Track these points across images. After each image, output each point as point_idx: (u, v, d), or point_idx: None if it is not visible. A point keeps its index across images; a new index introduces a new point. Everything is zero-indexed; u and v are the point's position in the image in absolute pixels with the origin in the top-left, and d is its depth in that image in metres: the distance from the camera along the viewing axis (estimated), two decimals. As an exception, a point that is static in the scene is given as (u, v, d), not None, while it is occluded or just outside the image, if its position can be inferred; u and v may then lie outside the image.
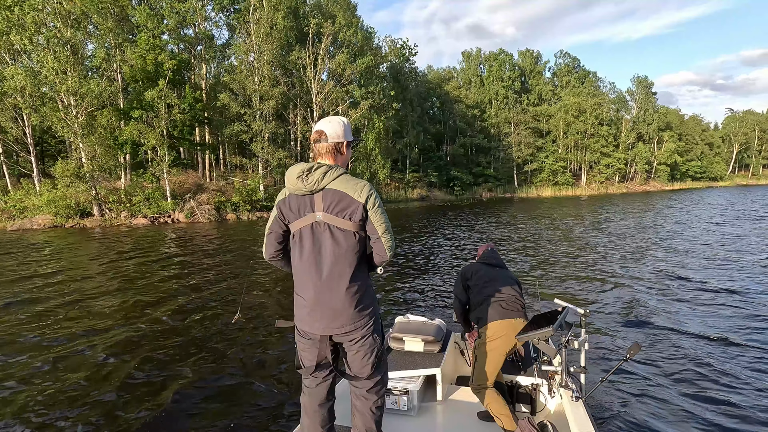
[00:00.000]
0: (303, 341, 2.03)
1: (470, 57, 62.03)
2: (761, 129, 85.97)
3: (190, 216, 24.09)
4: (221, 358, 5.24)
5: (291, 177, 1.95)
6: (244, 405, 4.14)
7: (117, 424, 3.84)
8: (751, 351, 5.22)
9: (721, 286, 8.31)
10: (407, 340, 3.61)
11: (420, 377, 3.26)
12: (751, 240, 14.06)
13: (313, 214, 1.93)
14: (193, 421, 3.89)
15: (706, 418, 3.82)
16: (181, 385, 4.56)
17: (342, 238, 1.93)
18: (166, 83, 23.39)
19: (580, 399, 2.80)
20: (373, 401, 2.11)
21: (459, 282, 3.18)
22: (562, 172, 57.01)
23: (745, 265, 10.26)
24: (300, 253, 1.96)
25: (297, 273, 2.00)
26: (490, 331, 2.94)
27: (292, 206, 1.96)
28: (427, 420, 3.12)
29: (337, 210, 1.92)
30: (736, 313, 6.78)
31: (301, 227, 1.95)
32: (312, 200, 1.94)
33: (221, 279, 9.71)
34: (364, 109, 30.42)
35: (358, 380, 2.07)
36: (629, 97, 64.84)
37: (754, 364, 4.86)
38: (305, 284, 1.96)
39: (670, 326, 6.12)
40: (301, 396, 2.15)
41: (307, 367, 2.04)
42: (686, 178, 70.41)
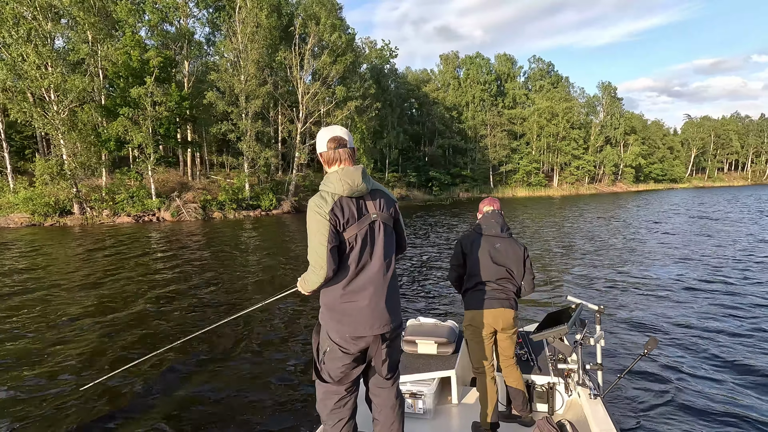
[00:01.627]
0: (342, 354, 1.98)
1: (448, 60, 63.36)
2: (716, 134, 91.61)
3: (176, 214, 23.91)
4: (222, 369, 5.00)
5: (353, 179, 1.93)
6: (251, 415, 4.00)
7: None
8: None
9: (740, 281, 8.27)
10: (420, 342, 3.58)
11: (434, 380, 3.24)
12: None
13: (368, 215, 1.97)
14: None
15: (728, 414, 3.73)
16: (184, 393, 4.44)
17: (390, 234, 2.05)
18: (153, 80, 23.14)
19: (598, 397, 2.75)
20: (399, 399, 2.17)
21: (458, 255, 3.02)
22: (535, 174, 59.14)
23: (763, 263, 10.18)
24: (359, 256, 1.95)
25: (350, 277, 1.94)
26: (469, 317, 2.94)
27: (345, 211, 1.92)
28: (443, 422, 3.08)
29: (386, 209, 2.03)
30: (754, 307, 6.65)
31: (358, 231, 1.95)
32: (365, 201, 1.99)
33: (218, 277, 10.04)
34: (351, 109, 30.85)
35: (388, 381, 2.11)
36: (597, 102, 67.88)
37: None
38: (364, 285, 1.94)
39: (687, 320, 6.02)
40: (328, 416, 2.06)
41: (338, 380, 2.01)
42: (649, 179, 74.26)
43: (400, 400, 2.18)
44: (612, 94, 67.39)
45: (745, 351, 4.99)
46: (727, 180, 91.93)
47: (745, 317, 6.18)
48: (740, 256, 11.08)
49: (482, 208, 3.16)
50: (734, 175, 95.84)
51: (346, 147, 2.01)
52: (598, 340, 2.84)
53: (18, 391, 4.39)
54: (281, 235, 18.03)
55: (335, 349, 1.98)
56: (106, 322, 6.60)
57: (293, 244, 14.85)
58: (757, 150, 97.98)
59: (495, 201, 3.20)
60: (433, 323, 3.83)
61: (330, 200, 1.92)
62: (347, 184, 1.92)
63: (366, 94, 34.13)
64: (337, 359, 1.98)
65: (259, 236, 17.55)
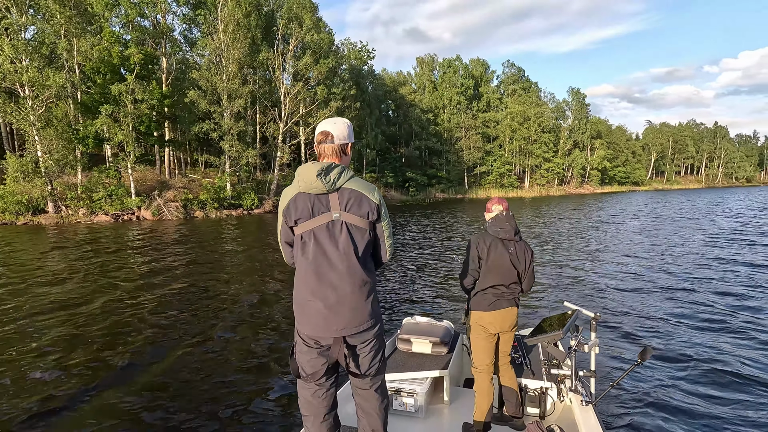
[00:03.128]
0: (309, 349, 1.94)
1: (424, 63, 64.50)
2: (674, 140, 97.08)
3: (157, 213, 23.64)
4: (206, 369, 5.02)
5: (308, 175, 1.88)
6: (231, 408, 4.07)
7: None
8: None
9: (736, 290, 8.21)
10: (415, 341, 3.59)
11: (427, 379, 3.24)
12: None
13: (329, 213, 1.89)
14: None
15: (719, 425, 3.73)
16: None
17: (359, 236, 1.93)
18: (134, 77, 22.81)
19: (589, 404, 2.75)
20: (380, 401, 2.10)
21: (474, 258, 2.92)
22: (508, 175, 61.12)
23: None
24: (313, 254, 1.89)
25: (308, 276, 1.90)
26: (478, 318, 2.93)
27: (299, 206, 1.89)
28: (434, 422, 3.08)
29: (354, 209, 1.92)
30: (751, 316, 6.65)
31: (314, 227, 1.89)
32: (327, 199, 1.90)
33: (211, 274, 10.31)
34: (333, 110, 31.22)
35: (365, 380, 2.04)
36: (566, 107, 70.80)
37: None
38: (320, 286, 1.88)
39: (684, 330, 5.98)
40: (304, 407, 2.03)
41: (311, 375, 1.96)
42: (614, 182, 77.97)
43: (382, 401, 2.10)
44: (580, 100, 70.45)
45: (741, 362, 4.96)
46: (683, 183, 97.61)
47: (743, 329, 6.09)
48: (742, 266, 10.65)
49: (491, 208, 3.09)
50: (690, 179, 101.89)
51: (332, 143, 1.96)
52: (592, 347, 2.83)
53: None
54: (264, 233, 18.23)
55: (301, 344, 1.96)
56: (59, 318, 6.57)
57: (275, 243, 15.02)
58: (711, 155, 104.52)
59: (504, 201, 3.13)
60: (428, 323, 3.85)
61: (288, 195, 1.94)
62: (302, 179, 1.90)
63: (346, 96, 34.59)
64: (304, 353, 1.96)
65: (241, 235, 17.74)
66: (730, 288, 8.42)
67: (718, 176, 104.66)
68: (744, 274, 9.55)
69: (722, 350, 5.30)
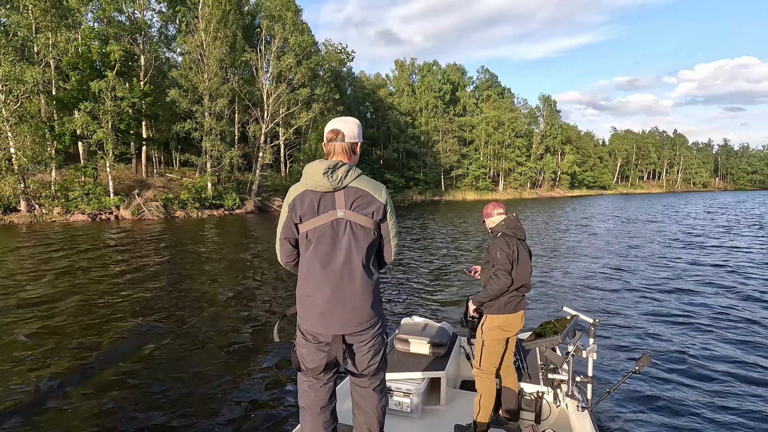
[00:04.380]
0: (308, 344, 1.96)
1: (403, 66, 65.33)
2: (638, 146, 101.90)
3: (136, 213, 23.24)
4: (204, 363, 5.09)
5: (315, 173, 1.89)
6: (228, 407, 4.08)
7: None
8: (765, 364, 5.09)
9: (737, 296, 8.18)
10: (413, 342, 3.59)
11: (424, 380, 3.24)
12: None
13: (334, 212, 1.90)
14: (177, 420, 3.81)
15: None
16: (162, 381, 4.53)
17: (362, 235, 1.92)
18: (114, 74, 22.38)
19: (586, 409, 2.76)
20: (377, 400, 2.10)
21: (508, 261, 2.85)
22: (483, 178, 62.74)
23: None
24: (315, 251, 1.90)
25: (310, 272, 1.92)
26: (501, 321, 2.90)
27: (305, 204, 1.90)
28: (430, 423, 3.09)
29: (360, 208, 1.91)
30: (750, 322, 6.65)
31: (317, 225, 1.90)
32: (333, 198, 1.91)
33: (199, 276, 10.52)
34: (316, 112, 31.43)
35: (363, 378, 2.04)
36: (538, 112, 73.27)
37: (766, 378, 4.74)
38: (321, 283, 1.89)
39: (682, 337, 5.97)
40: (302, 399, 2.06)
41: (311, 369, 1.98)
42: (582, 186, 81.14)
43: (380, 400, 2.11)
44: (551, 106, 73.05)
45: (740, 368, 5.00)
46: (646, 187, 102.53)
47: (743, 336, 6.12)
48: (740, 269, 10.79)
49: (493, 212, 3.09)
50: (652, 183, 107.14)
51: (343, 141, 1.98)
52: (590, 352, 2.84)
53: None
54: (246, 234, 18.25)
55: (301, 338, 1.99)
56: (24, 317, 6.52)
57: (257, 243, 15.11)
58: (671, 161, 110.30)
59: (502, 205, 3.17)
60: (426, 324, 3.86)
61: (294, 192, 1.95)
62: (309, 177, 1.91)
63: (329, 97, 34.85)
64: (304, 347, 1.98)
65: (223, 235, 17.77)
66: (730, 295, 8.32)
67: (677, 181, 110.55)
68: (745, 281, 9.50)
69: (721, 358, 5.29)
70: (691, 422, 3.89)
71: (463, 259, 12.44)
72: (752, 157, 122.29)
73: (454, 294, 8.37)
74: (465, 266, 3.13)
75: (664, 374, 4.82)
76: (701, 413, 4.03)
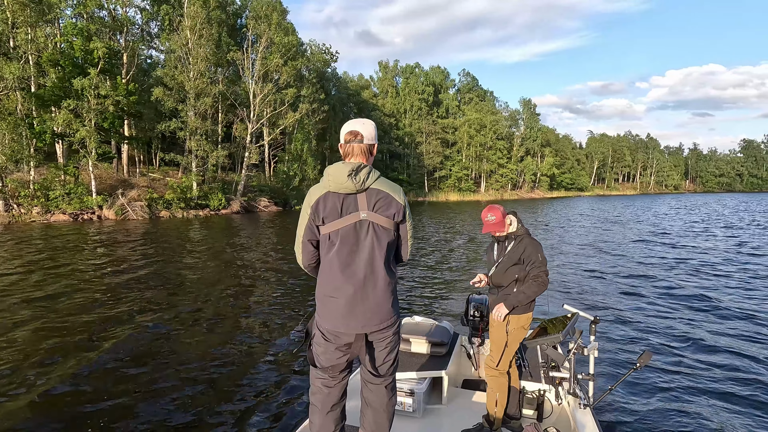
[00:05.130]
0: (327, 343, 1.99)
1: (387, 68, 65.77)
2: (614, 149, 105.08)
3: (120, 213, 22.85)
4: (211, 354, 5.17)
5: (339, 175, 1.91)
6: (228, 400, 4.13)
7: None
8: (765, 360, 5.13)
9: (737, 293, 8.27)
10: (414, 341, 3.58)
11: (426, 379, 3.24)
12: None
13: (357, 213, 1.93)
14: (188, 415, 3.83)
15: (717, 428, 3.75)
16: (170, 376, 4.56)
17: (384, 236, 1.96)
18: (97, 71, 21.98)
19: (587, 407, 2.76)
20: (389, 398, 2.13)
21: (546, 261, 2.88)
22: (465, 179, 63.71)
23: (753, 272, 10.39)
24: (339, 252, 1.93)
25: (333, 273, 1.95)
26: (525, 321, 2.89)
27: (328, 206, 1.92)
28: (432, 422, 3.09)
29: (381, 209, 1.95)
30: (751, 318, 6.69)
31: (341, 227, 1.92)
32: (356, 199, 1.93)
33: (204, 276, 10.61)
34: (303, 112, 31.47)
35: (378, 377, 2.08)
36: (519, 116, 74.86)
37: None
38: (344, 283, 1.93)
39: (683, 334, 5.99)
40: (313, 395, 2.09)
41: (330, 368, 2.02)
42: (561, 187, 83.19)
43: (390, 399, 2.15)
44: (531, 110, 74.72)
45: (741, 363, 5.04)
46: (621, 189, 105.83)
47: (744, 331, 6.16)
48: (743, 266, 11.07)
49: (505, 218, 3.03)
50: (626, 185, 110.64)
51: (361, 142, 1.98)
52: (591, 350, 2.83)
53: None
54: (233, 234, 18.14)
55: (320, 337, 2.01)
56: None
57: (248, 242, 15.08)
58: (644, 164, 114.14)
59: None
60: (427, 323, 3.86)
61: (316, 194, 1.95)
62: (333, 179, 1.92)
63: (315, 98, 34.93)
64: (322, 346, 2.01)
65: (210, 235, 17.68)
66: (730, 291, 8.40)
67: (650, 184, 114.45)
68: (745, 278, 9.78)
69: (722, 353, 5.33)
70: (692, 418, 3.89)
71: (461, 258, 12.74)
72: (720, 161, 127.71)
73: (454, 293, 8.38)
74: (470, 280, 3.22)
75: (666, 371, 4.84)
76: (703, 409, 4.03)
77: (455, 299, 7.95)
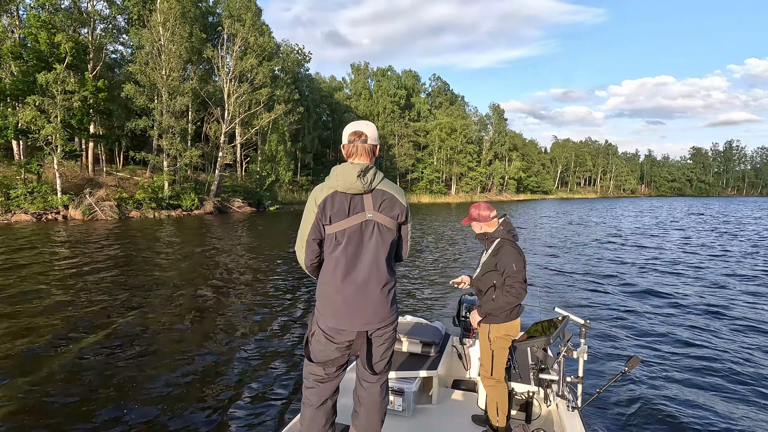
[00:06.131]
0: (326, 340, 2.01)
1: (359, 70, 66.09)
2: (576, 154, 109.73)
3: (88, 213, 22.02)
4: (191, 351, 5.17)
5: (349, 175, 1.93)
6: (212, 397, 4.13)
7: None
8: (755, 365, 5.17)
9: (726, 297, 8.39)
10: (405, 341, 3.60)
11: (416, 379, 3.25)
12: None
13: (363, 213, 1.96)
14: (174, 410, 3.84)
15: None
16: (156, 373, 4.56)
17: (388, 236, 2.00)
18: (64, 66, 21.15)
19: (576, 409, 2.78)
20: (382, 397, 2.16)
21: (523, 271, 2.79)
22: (437, 182, 64.88)
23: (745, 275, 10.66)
24: (344, 251, 1.95)
25: (337, 271, 1.97)
26: (509, 327, 2.85)
27: (336, 205, 1.94)
28: (422, 422, 3.10)
29: (386, 209, 1.99)
30: (736, 323, 6.79)
31: (347, 226, 1.95)
32: (362, 200, 1.96)
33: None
34: (279, 113, 31.30)
35: (375, 375, 2.10)
36: (488, 120, 77.00)
37: (760, 388, 4.71)
38: (348, 282, 1.96)
39: (671, 339, 6.06)
40: (307, 389, 2.11)
41: (327, 364, 2.03)
42: (527, 191, 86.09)
43: (384, 398, 2.18)
44: (500, 115, 77.02)
45: (728, 367, 5.12)
46: (583, 193, 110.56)
47: (731, 335, 6.25)
48: (730, 269, 11.24)
49: (489, 216, 2.96)
50: (588, 189, 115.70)
51: (366, 143, 2.02)
52: (581, 353, 2.84)
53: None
54: (207, 234, 17.85)
55: (320, 335, 2.02)
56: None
57: (219, 244, 14.84)
58: (604, 169, 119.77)
59: (490, 206, 3.06)
60: (419, 323, 3.88)
61: (324, 193, 1.96)
62: (341, 179, 1.94)
63: (290, 98, 34.80)
64: (322, 344, 2.02)
65: (181, 236, 17.40)
66: (719, 295, 8.51)
67: (610, 188, 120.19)
68: (733, 280, 10.02)
69: (710, 358, 5.39)
70: (679, 422, 3.93)
71: (453, 258, 13.10)
72: (672, 167, 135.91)
73: (446, 294, 8.47)
74: (450, 279, 3.28)
75: (653, 375, 4.91)
76: (689, 413, 4.08)
77: (448, 300, 7.97)
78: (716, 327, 6.68)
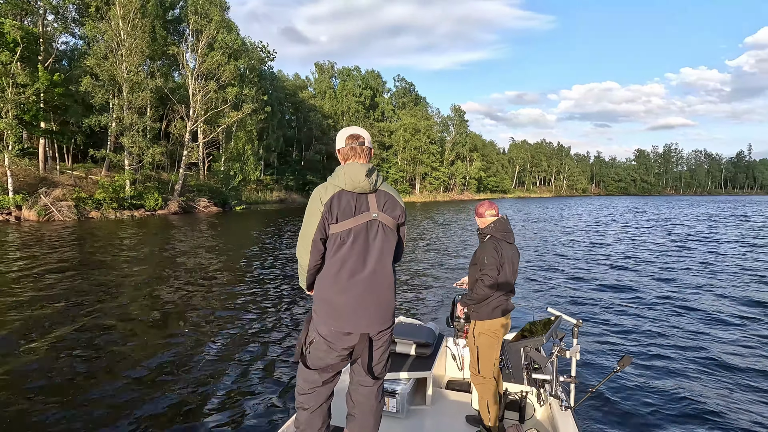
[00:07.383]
0: (328, 347, 1.98)
1: (323, 69, 65.87)
2: (532, 155, 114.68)
3: (43, 214, 20.89)
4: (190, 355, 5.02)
5: (357, 174, 1.94)
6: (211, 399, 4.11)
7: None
8: (748, 368, 5.15)
9: (717, 295, 8.47)
10: (399, 342, 3.59)
11: (410, 380, 3.25)
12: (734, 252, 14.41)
13: (368, 213, 1.96)
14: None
15: (697, 430, 3.80)
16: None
17: (390, 236, 2.02)
18: (16, 58, 19.96)
19: (569, 409, 2.80)
20: (378, 402, 2.14)
21: (498, 265, 2.86)
22: (401, 182, 65.89)
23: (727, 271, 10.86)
24: (350, 251, 1.94)
25: (342, 272, 1.94)
26: (492, 326, 2.89)
27: (342, 204, 1.93)
28: (416, 423, 3.10)
29: (389, 210, 2.01)
30: (732, 323, 6.78)
31: (352, 226, 1.94)
32: (367, 200, 1.97)
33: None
34: (247, 112, 30.86)
35: (372, 378, 2.09)
36: (450, 121, 79.02)
37: (748, 381, 4.77)
38: (353, 283, 1.94)
39: (663, 338, 6.12)
40: (302, 395, 2.08)
41: (326, 368, 2.01)
42: (487, 190, 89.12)
43: (379, 402, 2.16)
44: (461, 116, 79.24)
45: (720, 366, 5.16)
46: (539, 192, 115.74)
47: (723, 333, 6.33)
48: (722, 271, 11.18)
49: (485, 213, 3.05)
50: (543, 189, 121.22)
51: (363, 144, 2.05)
52: (573, 353, 2.86)
53: None
54: (172, 235, 17.35)
55: (321, 342, 1.99)
56: None
57: (191, 248, 14.44)
58: (558, 170, 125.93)
59: (496, 205, 3.12)
60: (413, 324, 3.87)
61: (330, 192, 1.95)
62: (349, 178, 1.94)
63: (257, 97, 34.37)
64: (322, 351, 1.99)
65: (144, 237, 16.95)
66: (712, 296, 8.59)
67: (563, 187, 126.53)
68: (724, 279, 10.15)
69: (701, 357, 5.44)
70: (670, 420, 3.96)
71: (449, 259, 13.35)
72: (618, 167, 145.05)
73: (440, 294, 8.44)
74: (453, 281, 3.42)
75: (645, 374, 4.97)
76: (680, 412, 4.11)
77: (442, 301, 7.96)
78: (708, 324, 6.75)
